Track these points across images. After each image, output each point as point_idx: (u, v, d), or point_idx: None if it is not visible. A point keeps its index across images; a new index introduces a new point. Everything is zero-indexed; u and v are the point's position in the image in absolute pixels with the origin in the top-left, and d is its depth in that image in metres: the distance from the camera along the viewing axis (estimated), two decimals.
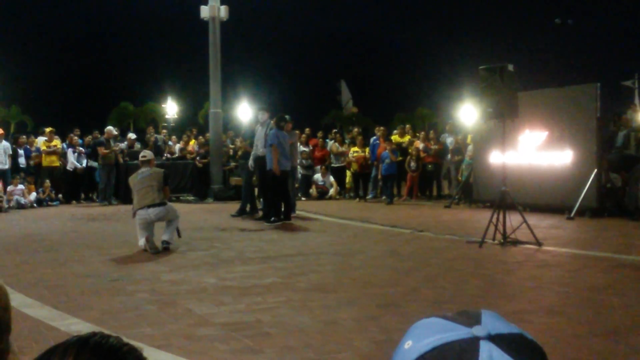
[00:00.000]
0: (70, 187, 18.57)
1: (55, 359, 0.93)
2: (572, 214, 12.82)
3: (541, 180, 13.86)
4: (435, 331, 0.77)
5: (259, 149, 13.14)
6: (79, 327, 5.18)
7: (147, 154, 10.17)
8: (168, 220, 9.43)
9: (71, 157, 18.45)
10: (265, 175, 12.94)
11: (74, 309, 5.80)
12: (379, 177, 18.38)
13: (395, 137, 19.67)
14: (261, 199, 14.13)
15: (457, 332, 0.75)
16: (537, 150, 14.20)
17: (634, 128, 14.44)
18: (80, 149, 18.85)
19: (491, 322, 0.77)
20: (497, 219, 9.50)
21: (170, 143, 21.49)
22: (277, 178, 12.55)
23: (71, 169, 18.41)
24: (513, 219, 9.52)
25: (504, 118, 9.81)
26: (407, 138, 19.71)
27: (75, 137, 19.30)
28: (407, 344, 0.78)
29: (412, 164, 18.43)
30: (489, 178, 14.71)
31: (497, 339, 0.73)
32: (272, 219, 12.55)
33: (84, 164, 18.55)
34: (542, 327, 5.13)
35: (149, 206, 9.21)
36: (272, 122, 13.13)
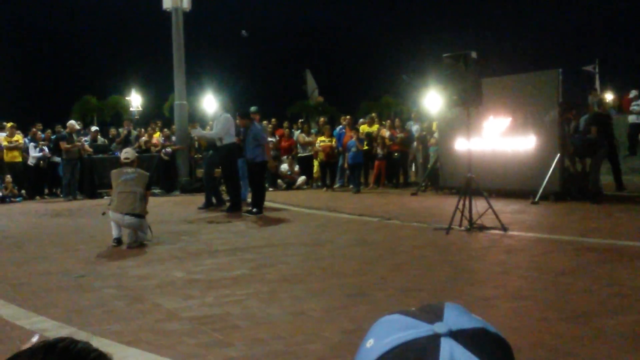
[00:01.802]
0: (33, 182, 18.28)
1: None
2: (537, 199, 13.00)
3: (506, 165, 14.02)
4: (396, 329, 0.76)
5: (221, 139, 13.14)
6: (45, 325, 5.11)
7: (129, 154, 9.67)
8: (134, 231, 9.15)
9: (33, 152, 18.14)
10: (230, 166, 13.06)
11: (39, 307, 5.71)
12: (346, 165, 18.41)
13: (364, 127, 19.70)
14: (227, 190, 14.15)
15: (418, 329, 0.74)
16: (501, 136, 14.35)
17: (595, 112, 14.64)
18: (42, 142, 18.50)
19: (453, 317, 0.76)
20: (464, 206, 9.59)
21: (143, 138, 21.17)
22: (255, 169, 12.69)
23: (32, 164, 18.09)
24: (479, 205, 9.62)
25: (469, 105, 9.89)
26: (375, 127, 19.75)
27: (39, 132, 18.99)
28: (369, 343, 0.77)
29: (379, 151, 18.50)
30: (454, 165, 14.84)
31: (459, 335, 0.73)
32: (254, 209, 12.59)
33: (41, 154, 18.14)
34: (509, 312, 5.20)
35: (126, 213, 9.03)
36: (238, 121, 13.22)
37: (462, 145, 14.28)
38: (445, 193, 15.72)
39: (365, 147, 18.20)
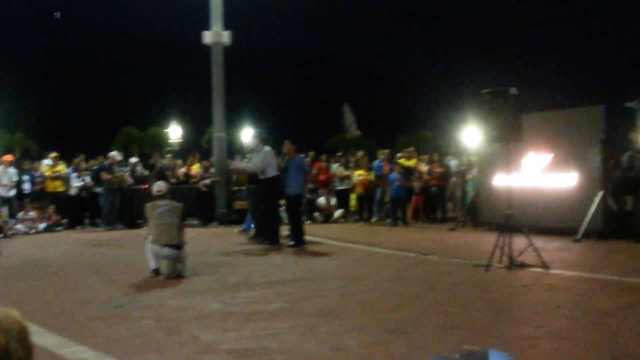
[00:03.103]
0: (75, 212, 18.57)
1: None
2: (579, 237, 12.77)
3: (546, 202, 13.84)
4: None
5: (264, 173, 13.16)
6: (85, 354, 5.16)
7: (162, 187, 9.69)
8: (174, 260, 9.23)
9: (75, 182, 18.46)
10: (273, 200, 13.17)
11: (79, 336, 5.76)
12: (387, 199, 18.28)
13: (402, 161, 19.65)
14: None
15: None
16: (541, 173, 14.20)
17: (638, 149, 14.43)
18: (84, 172, 18.80)
19: None
20: (504, 242, 9.46)
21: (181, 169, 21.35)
22: (293, 201, 12.96)
23: (74, 194, 18.39)
24: (519, 242, 9.48)
25: (508, 141, 9.82)
26: (413, 162, 19.68)
27: (82, 163, 19.35)
28: None
29: (416, 185, 18.41)
30: (494, 200, 14.68)
31: None
32: (294, 242, 12.68)
33: (83, 184, 18.42)
34: (550, 353, 5.09)
35: (164, 245, 9.08)
36: (286, 146, 13.30)
37: (501, 181, 14.16)
38: (484, 229, 15.55)
39: (410, 184, 18.13)
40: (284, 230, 13.85)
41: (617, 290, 7.72)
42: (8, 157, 17.78)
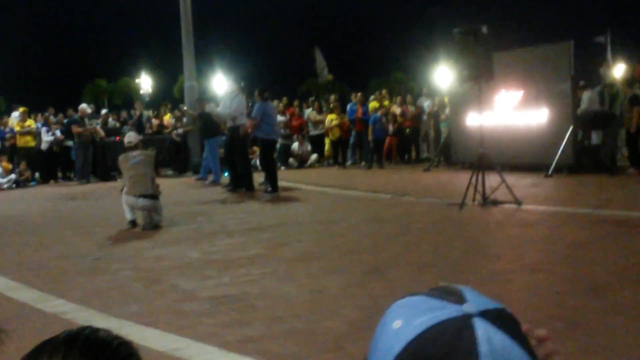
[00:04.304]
0: (47, 166, 18.37)
1: (44, 359, 0.91)
2: (550, 172, 12.95)
3: (518, 139, 13.96)
4: (425, 310, 0.75)
5: (234, 120, 13.07)
6: (64, 308, 5.17)
7: (132, 139, 9.68)
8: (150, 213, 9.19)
9: (45, 136, 18.21)
10: (244, 147, 13.08)
11: (58, 290, 5.77)
12: (370, 138, 18.18)
13: (374, 104, 19.60)
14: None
15: (447, 310, 0.74)
16: (513, 110, 14.28)
17: (607, 84, 14.54)
18: (54, 126, 18.57)
19: (475, 298, 0.76)
20: (477, 180, 9.56)
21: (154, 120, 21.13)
22: (266, 149, 12.84)
23: (45, 149, 18.17)
24: (492, 180, 9.59)
25: (480, 80, 9.84)
26: (386, 103, 19.65)
27: (51, 117, 19.08)
28: (397, 324, 0.75)
29: (390, 127, 18.43)
30: (467, 140, 14.77)
31: (487, 316, 0.73)
32: (270, 189, 12.62)
33: (54, 138, 18.19)
34: (524, 285, 5.21)
35: (139, 195, 9.07)
36: (255, 94, 13.15)
37: (474, 120, 14.22)
38: (457, 168, 15.69)
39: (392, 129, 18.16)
40: (259, 177, 13.85)
41: (589, 223, 7.88)
42: None
